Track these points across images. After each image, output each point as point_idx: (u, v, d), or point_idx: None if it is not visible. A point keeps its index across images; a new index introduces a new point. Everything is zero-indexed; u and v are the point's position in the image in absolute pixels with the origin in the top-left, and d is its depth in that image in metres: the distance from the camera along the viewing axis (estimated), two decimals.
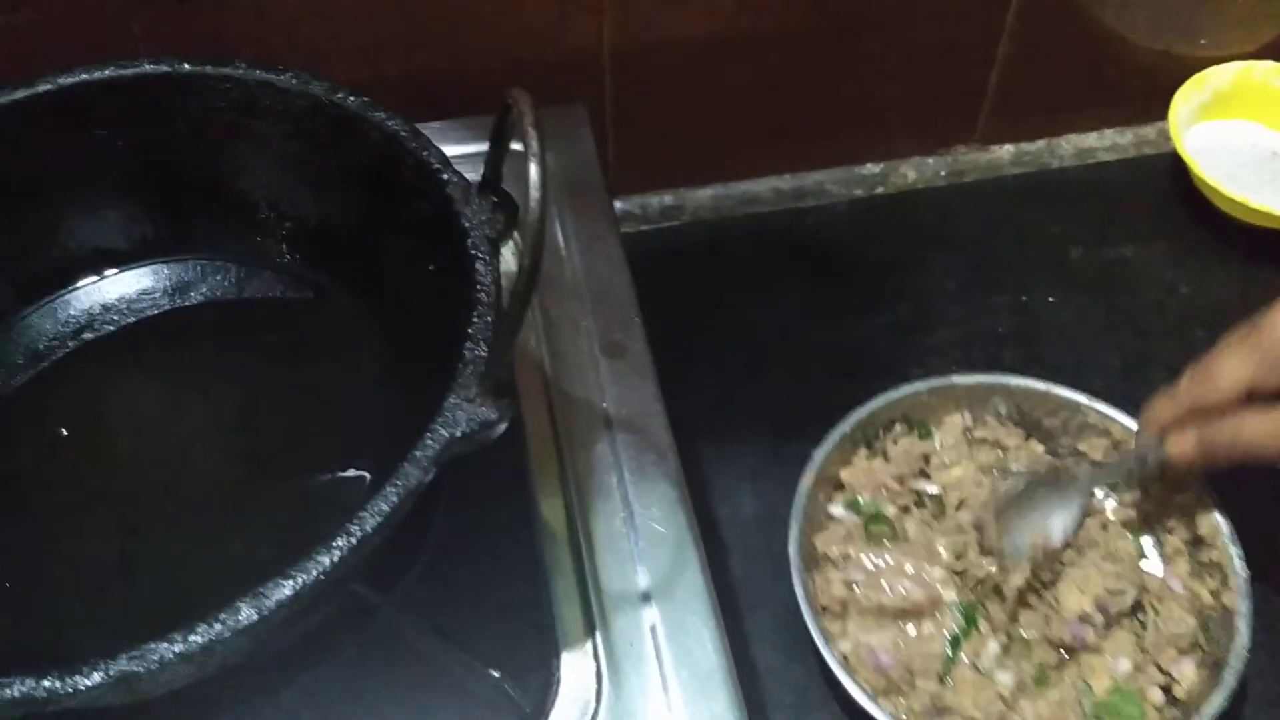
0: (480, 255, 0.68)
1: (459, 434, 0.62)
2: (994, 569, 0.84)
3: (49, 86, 0.76)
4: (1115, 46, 1.15)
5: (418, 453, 0.61)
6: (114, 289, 0.85)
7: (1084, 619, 0.82)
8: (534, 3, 1.00)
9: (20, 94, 0.76)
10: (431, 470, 0.61)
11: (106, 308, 0.85)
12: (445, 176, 0.71)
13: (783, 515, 0.89)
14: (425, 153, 0.72)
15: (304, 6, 0.96)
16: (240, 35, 0.96)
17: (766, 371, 1.04)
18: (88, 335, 0.85)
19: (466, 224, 0.69)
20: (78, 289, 0.84)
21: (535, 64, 1.03)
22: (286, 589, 0.57)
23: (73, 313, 0.84)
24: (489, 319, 0.66)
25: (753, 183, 1.19)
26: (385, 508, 0.60)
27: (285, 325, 0.85)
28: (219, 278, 0.86)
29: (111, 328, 0.85)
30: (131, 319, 0.85)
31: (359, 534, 0.58)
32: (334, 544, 0.58)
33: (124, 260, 0.85)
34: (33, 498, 0.78)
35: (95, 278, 0.85)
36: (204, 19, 0.95)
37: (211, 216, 0.84)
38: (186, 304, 0.86)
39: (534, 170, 0.58)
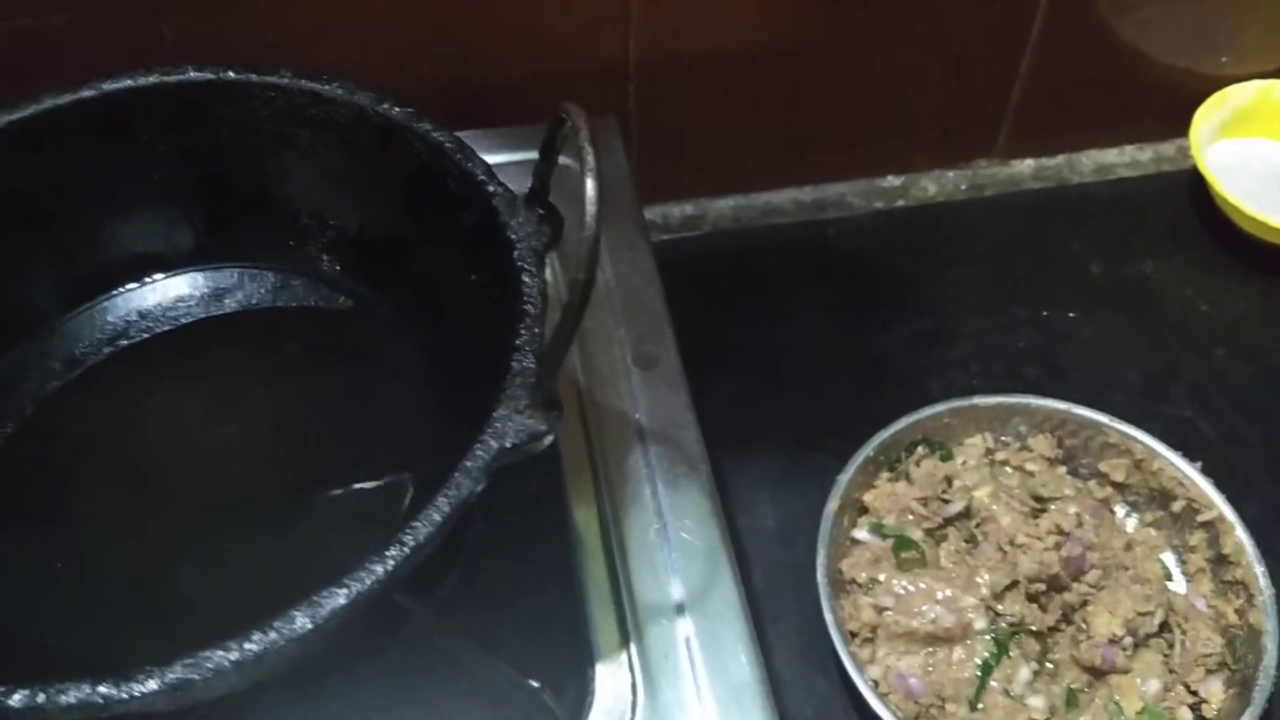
0: (527, 267, 0.68)
1: (508, 445, 0.63)
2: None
3: (93, 93, 0.76)
4: (1136, 63, 1.16)
5: (468, 463, 0.62)
6: (152, 296, 0.85)
7: (1114, 641, 0.82)
8: (560, 14, 1.00)
9: (65, 100, 0.76)
10: (482, 480, 0.61)
11: (143, 314, 0.85)
12: (491, 188, 0.72)
13: (803, 527, 0.90)
14: (470, 164, 0.73)
15: (331, 16, 0.97)
16: (269, 42, 0.96)
17: (786, 382, 1.04)
18: (123, 342, 0.84)
19: (513, 236, 0.70)
20: (117, 295, 0.84)
21: (560, 75, 1.04)
22: (341, 598, 0.57)
23: (110, 319, 0.84)
24: (536, 331, 0.66)
25: (773, 193, 1.19)
26: (437, 518, 0.60)
27: (323, 333, 0.85)
28: (257, 285, 0.86)
29: (147, 335, 0.85)
30: (167, 326, 0.85)
31: (412, 543, 0.59)
32: (387, 553, 0.59)
33: (165, 267, 0.85)
34: (70, 504, 0.78)
35: (136, 284, 0.85)
36: (235, 25, 0.95)
37: (252, 224, 0.84)
38: (223, 311, 0.86)
39: (590, 185, 0.58)
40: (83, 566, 0.76)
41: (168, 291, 0.86)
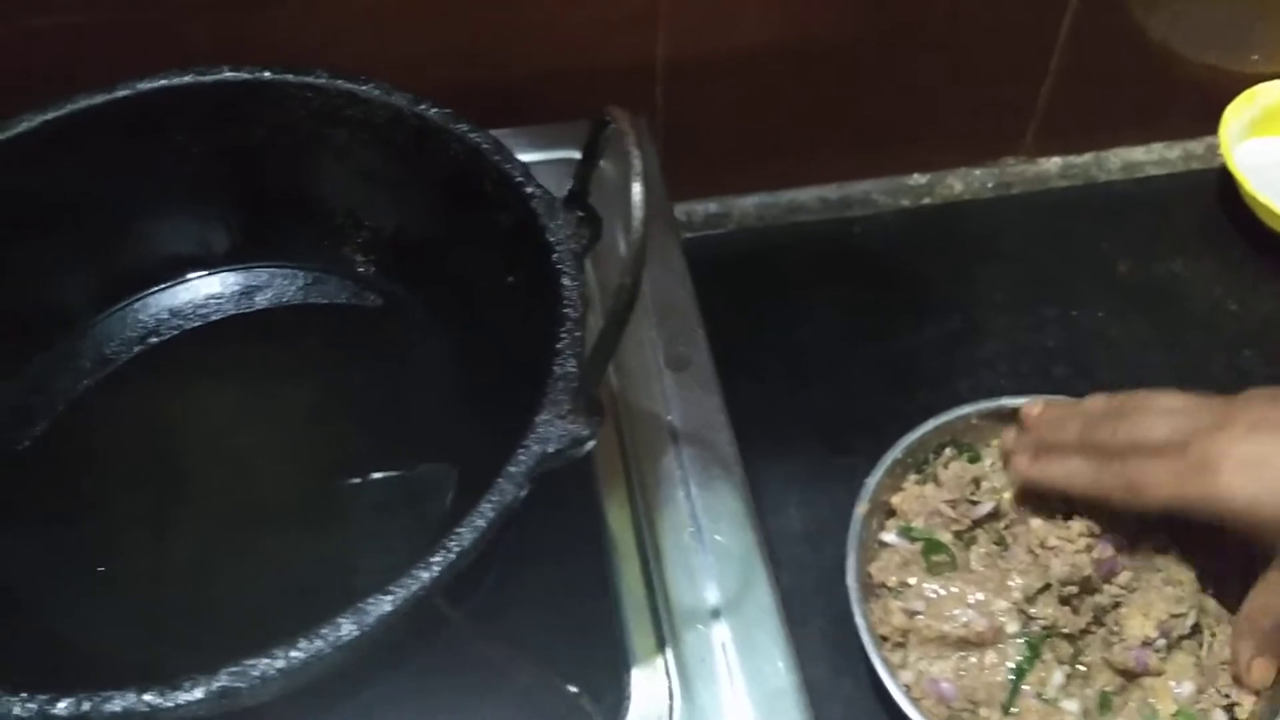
0: (566, 270, 0.68)
1: (551, 450, 0.62)
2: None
3: (128, 92, 0.76)
4: (1165, 60, 1.15)
5: (512, 468, 0.61)
6: (184, 294, 0.85)
7: (1147, 643, 0.82)
8: (588, 13, 1.00)
9: (99, 99, 0.76)
10: (526, 486, 0.61)
11: (174, 312, 0.85)
12: (529, 190, 0.71)
13: (829, 529, 0.89)
14: (508, 165, 0.72)
15: (358, 17, 0.96)
16: (296, 43, 0.95)
17: (811, 382, 1.03)
18: (154, 340, 0.84)
19: (551, 238, 0.69)
20: (150, 294, 0.84)
21: (587, 74, 1.03)
22: (387, 604, 0.57)
23: (141, 317, 0.84)
24: (577, 334, 0.66)
25: (798, 191, 1.19)
26: (482, 523, 0.60)
27: (356, 331, 0.85)
28: (288, 283, 0.86)
29: (177, 332, 0.85)
30: (197, 323, 0.85)
31: (457, 549, 0.59)
32: (432, 559, 0.58)
33: (198, 267, 0.86)
34: (102, 502, 0.79)
35: (169, 283, 0.85)
36: (263, 25, 0.94)
37: (287, 224, 0.84)
38: (254, 309, 0.86)
39: (637, 190, 0.57)
40: (116, 565, 0.76)
41: (199, 290, 0.86)
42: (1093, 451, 0.81)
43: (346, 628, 0.57)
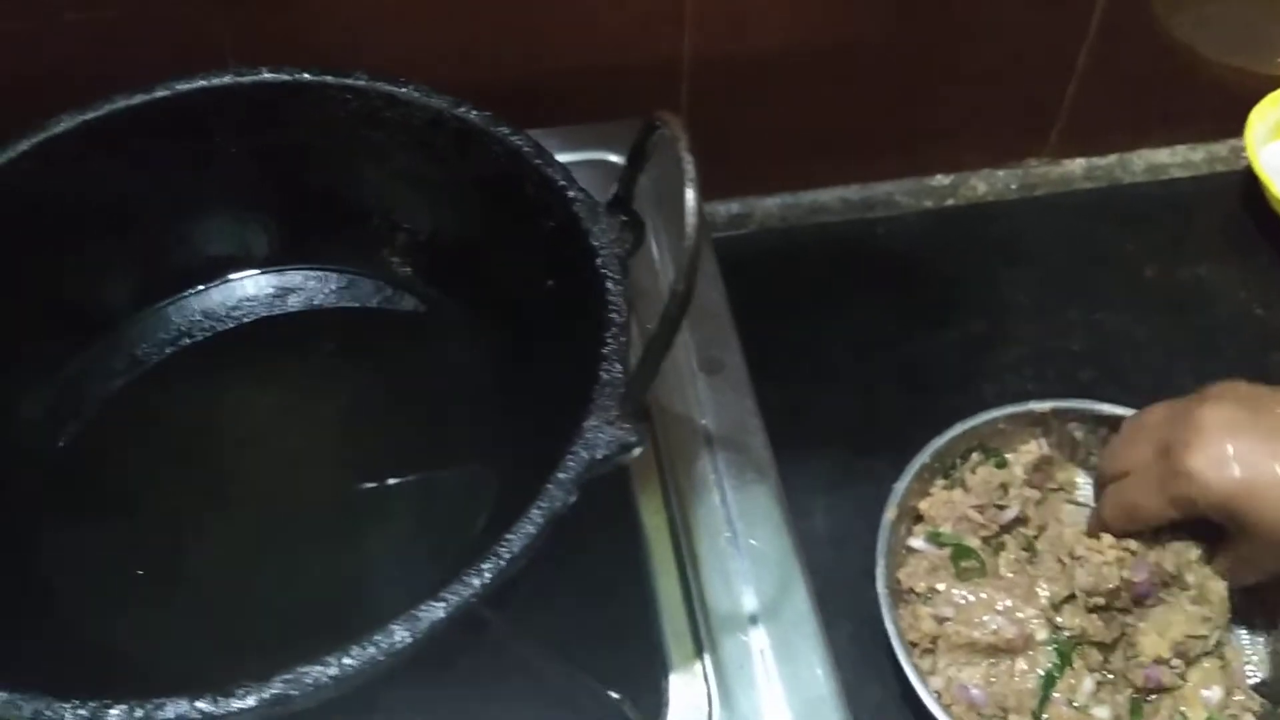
0: (611, 274, 0.68)
1: (599, 456, 0.62)
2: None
3: (166, 93, 0.76)
4: (1191, 63, 1.15)
5: (560, 474, 0.61)
6: (218, 296, 0.85)
7: (1160, 662, 0.82)
8: (615, 13, 1.00)
9: (138, 100, 0.76)
10: (574, 492, 0.61)
11: (207, 314, 0.85)
12: (572, 194, 0.71)
13: (855, 533, 0.89)
14: (549, 168, 0.72)
15: (389, 16, 0.96)
16: (325, 43, 0.95)
17: (835, 385, 1.03)
18: (186, 341, 0.84)
19: (595, 243, 0.69)
20: (185, 297, 0.84)
21: (612, 74, 1.03)
22: (439, 611, 0.57)
23: (175, 319, 0.85)
24: (623, 340, 0.65)
25: (821, 192, 1.19)
26: (531, 530, 0.60)
27: (393, 335, 0.85)
28: (322, 285, 0.86)
29: (210, 334, 0.85)
30: (230, 325, 0.85)
31: (508, 555, 0.59)
32: (483, 565, 0.58)
33: (235, 267, 0.86)
34: (136, 503, 0.79)
35: (204, 285, 0.85)
36: (291, 25, 0.94)
37: (324, 226, 0.84)
38: (289, 311, 0.86)
39: (690, 195, 0.58)
40: (152, 566, 0.76)
41: (233, 291, 0.86)
42: (1102, 484, 0.88)
43: (399, 634, 0.57)
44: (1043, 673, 0.82)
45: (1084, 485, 0.93)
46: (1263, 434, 0.77)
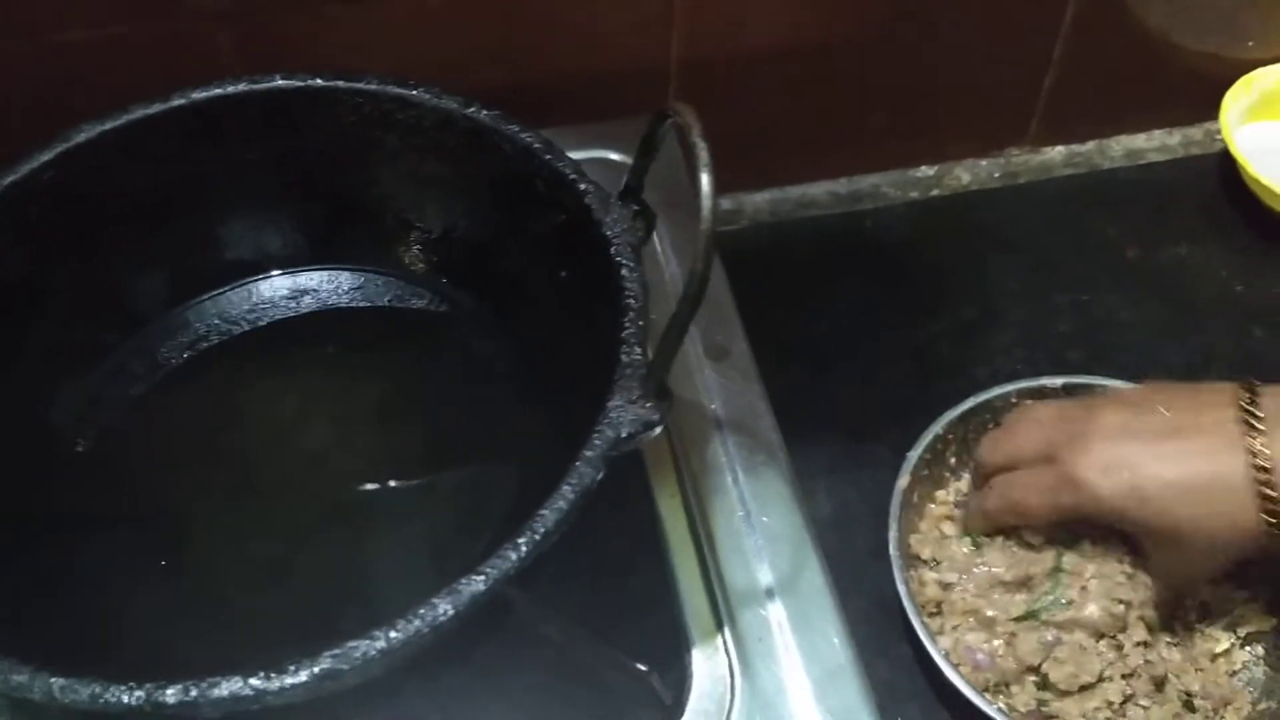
0: (625, 262, 0.70)
1: (624, 434, 0.64)
2: None
3: (183, 101, 0.78)
4: (1165, 49, 1.18)
5: (588, 452, 0.63)
6: (236, 298, 0.86)
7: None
8: (606, 15, 1.02)
9: (156, 109, 0.77)
10: (602, 469, 0.63)
11: (223, 317, 0.86)
12: (582, 186, 0.73)
13: (858, 514, 0.92)
14: (560, 163, 0.74)
15: (388, 21, 0.97)
16: (328, 48, 0.97)
17: (832, 374, 1.05)
18: (204, 344, 0.86)
19: (608, 232, 0.71)
20: (203, 300, 0.86)
21: (600, 76, 1.05)
22: (480, 583, 0.59)
23: (194, 323, 0.86)
24: (641, 323, 0.67)
25: (809, 186, 1.21)
26: (563, 505, 0.62)
27: (410, 333, 0.87)
28: (342, 287, 0.88)
29: (227, 337, 0.86)
30: (246, 327, 0.87)
31: (542, 530, 0.61)
32: (519, 540, 0.60)
33: (252, 270, 0.87)
34: (158, 506, 0.80)
35: (222, 288, 0.86)
36: (294, 33, 0.96)
37: (339, 227, 0.85)
38: (306, 312, 0.87)
39: (705, 180, 0.60)
40: (179, 566, 0.77)
41: (250, 294, 0.87)
42: (981, 477, 0.87)
43: (443, 607, 0.58)
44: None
45: None
46: (1149, 437, 0.77)
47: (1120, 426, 0.78)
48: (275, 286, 0.87)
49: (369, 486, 0.81)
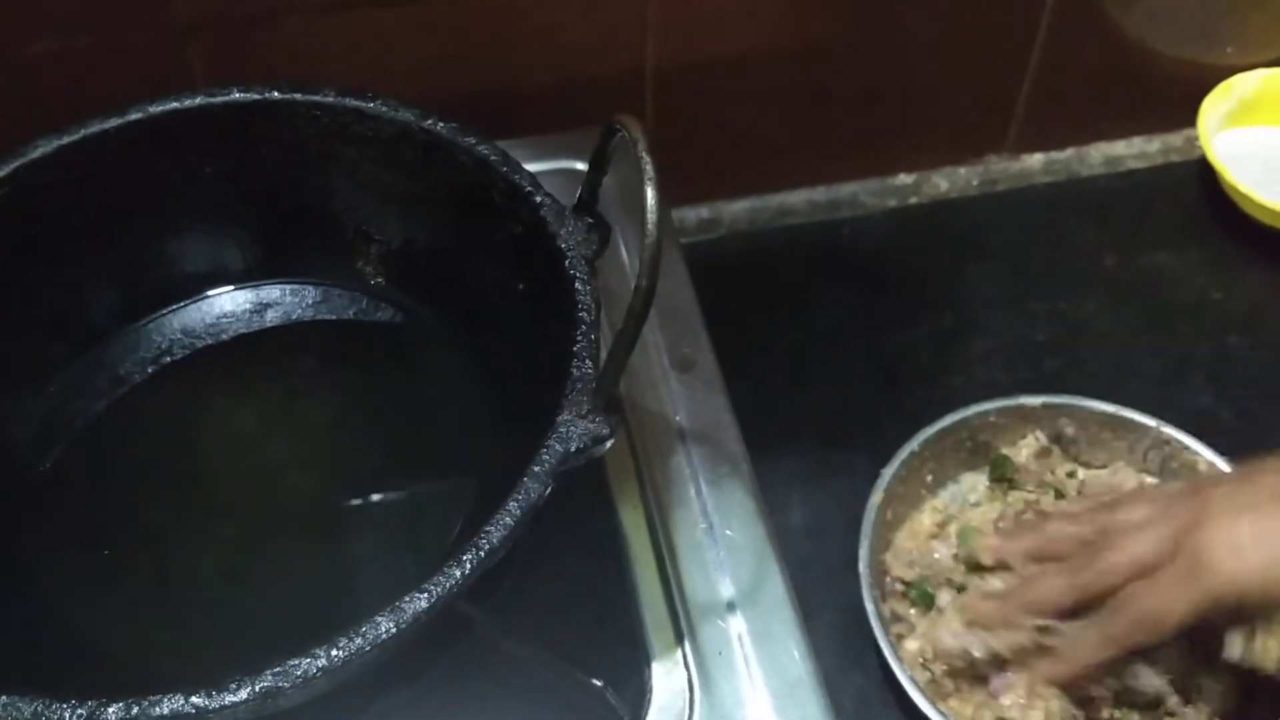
0: (579, 275, 0.70)
1: (573, 449, 0.64)
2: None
3: (140, 115, 0.78)
4: (1142, 56, 1.18)
5: (536, 467, 0.63)
6: (196, 313, 0.86)
7: None
8: (579, 23, 1.02)
9: (113, 123, 0.77)
10: (550, 484, 0.63)
11: (186, 331, 0.86)
12: (539, 199, 0.73)
13: (831, 525, 0.91)
14: (516, 175, 0.74)
15: (353, 32, 0.98)
16: (293, 60, 0.97)
17: (808, 382, 1.05)
18: (167, 359, 0.86)
19: (563, 245, 0.71)
20: (163, 315, 0.86)
21: (576, 84, 1.05)
22: (422, 601, 0.59)
23: (155, 337, 0.86)
24: (593, 337, 0.67)
25: (787, 194, 1.21)
26: (509, 521, 0.61)
27: (370, 346, 0.87)
28: (299, 299, 0.88)
29: (190, 351, 0.86)
30: (209, 341, 0.86)
31: (487, 547, 0.60)
32: (464, 557, 0.60)
33: (212, 284, 0.87)
34: (122, 523, 0.80)
35: (182, 303, 0.86)
36: (259, 45, 0.96)
37: (299, 241, 0.85)
38: (267, 326, 0.87)
39: (650, 194, 0.59)
40: (142, 582, 0.78)
41: (211, 308, 0.87)
42: (1088, 603, 0.78)
43: (385, 625, 0.58)
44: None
45: (1083, 476, 0.94)
46: (1270, 504, 0.71)
47: (1242, 505, 0.72)
48: (238, 300, 0.87)
49: (330, 500, 0.81)
